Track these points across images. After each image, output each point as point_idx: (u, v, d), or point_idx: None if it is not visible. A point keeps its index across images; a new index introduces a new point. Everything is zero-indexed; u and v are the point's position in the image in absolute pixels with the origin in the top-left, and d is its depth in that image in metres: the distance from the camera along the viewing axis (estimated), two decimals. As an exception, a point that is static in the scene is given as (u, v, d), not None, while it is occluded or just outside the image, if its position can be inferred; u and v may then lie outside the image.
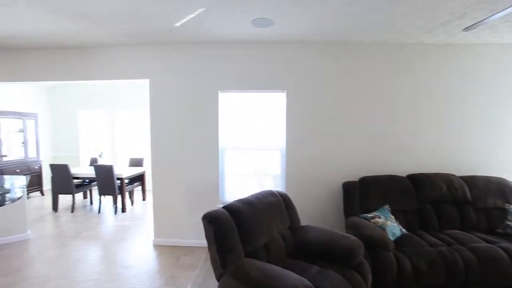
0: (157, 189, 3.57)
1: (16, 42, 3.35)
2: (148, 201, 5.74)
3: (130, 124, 6.93)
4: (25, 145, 5.95)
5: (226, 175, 3.55)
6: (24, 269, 3.02)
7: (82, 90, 6.86)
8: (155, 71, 3.46)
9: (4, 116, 5.54)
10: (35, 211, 5.01)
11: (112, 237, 3.87)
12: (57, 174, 4.89)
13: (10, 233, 3.70)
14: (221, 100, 3.46)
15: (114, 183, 4.82)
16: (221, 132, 3.48)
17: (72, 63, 3.58)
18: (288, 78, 3.36)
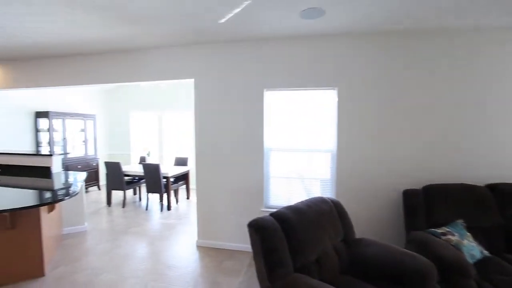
0: (200, 190, 3.55)
1: (74, 48, 3.60)
2: (192, 200, 5.83)
3: (176, 124, 7.16)
4: (85, 143, 6.50)
5: (271, 178, 3.38)
6: (81, 259, 3.20)
7: (134, 93, 7.28)
8: (199, 70, 3.44)
9: (69, 117, 6.11)
10: (92, 205, 5.40)
11: (158, 235, 3.95)
12: (110, 171, 5.21)
13: (71, 225, 3.99)
14: (267, 99, 3.30)
15: (160, 182, 4.96)
16: (267, 132, 3.32)
17: (122, 66, 3.74)
18: (339, 75, 3.07)
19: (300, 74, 3.15)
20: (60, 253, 3.36)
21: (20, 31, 3.01)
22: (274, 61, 3.20)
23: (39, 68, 4.16)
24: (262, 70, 3.23)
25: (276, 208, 3.26)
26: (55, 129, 5.80)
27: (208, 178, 3.49)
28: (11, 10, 2.50)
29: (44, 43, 3.45)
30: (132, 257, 3.27)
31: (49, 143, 5.67)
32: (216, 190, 3.47)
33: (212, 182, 3.48)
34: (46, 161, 4.14)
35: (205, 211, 3.54)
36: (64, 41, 3.34)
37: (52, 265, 3.06)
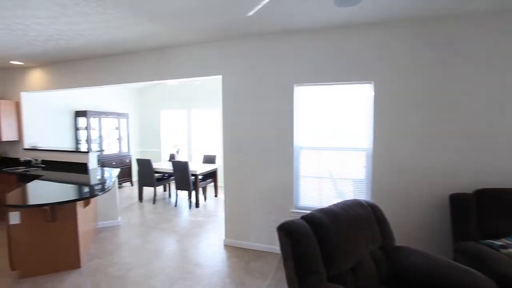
0: (228, 188, 3.49)
1: (106, 49, 3.71)
2: (219, 198, 5.84)
3: (205, 122, 7.23)
4: (119, 141, 6.79)
5: (301, 177, 3.23)
6: (114, 253, 3.30)
7: (164, 91, 7.46)
8: (227, 66, 3.37)
9: (105, 116, 6.41)
10: (125, 200, 5.62)
11: (186, 232, 3.98)
12: (142, 168, 5.37)
13: (106, 219, 4.15)
14: (297, 94, 3.14)
15: (189, 179, 5.01)
16: (297, 130, 3.17)
17: (151, 64, 3.79)
18: (376, 67, 2.83)
19: (333, 67, 2.95)
20: (96, 246, 3.49)
21: (55, 34, 3.15)
22: (305, 55, 3.04)
23: (76, 70, 4.37)
24: (293, 64, 3.09)
25: (306, 210, 3.14)
26: (92, 127, 6.11)
27: (236, 176, 3.42)
28: (45, 15, 2.60)
29: (79, 46, 3.59)
30: (161, 254, 3.30)
31: (87, 140, 5.99)
32: (244, 189, 3.40)
33: (240, 181, 3.41)
34: (83, 158, 4.35)
35: (232, 210, 3.49)
36: (97, 42, 3.44)
37: (88, 257, 3.19)
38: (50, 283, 2.68)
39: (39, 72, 4.73)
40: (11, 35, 3.25)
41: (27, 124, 4.99)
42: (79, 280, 2.74)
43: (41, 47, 3.67)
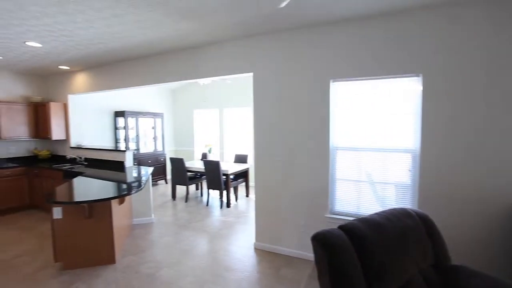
0: (259, 190, 3.37)
1: (140, 50, 3.79)
2: (251, 198, 5.76)
3: (237, 121, 7.20)
4: (154, 140, 7.03)
5: (337, 180, 2.99)
6: (146, 251, 3.35)
7: (197, 91, 7.58)
8: (258, 63, 3.24)
9: (141, 116, 6.66)
10: (159, 198, 5.77)
11: (217, 232, 3.94)
12: (175, 167, 5.47)
13: (140, 216, 4.27)
14: (333, 91, 2.91)
15: (220, 178, 4.98)
16: (333, 129, 2.93)
17: (182, 64, 3.80)
18: (425, 58, 2.50)
19: (373, 60, 2.67)
20: (130, 242, 3.59)
21: (95, 38, 3.27)
22: (343, 47, 2.79)
23: (114, 72, 4.56)
24: (328, 59, 2.86)
25: (342, 215, 2.90)
26: (130, 127, 6.38)
27: (268, 177, 3.29)
28: (82, 19, 2.69)
29: (116, 48, 3.71)
30: (192, 254, 3.28)
31: (125, 139, 6.27)
32: (275, 190, 3.25)
33: (271, 182, 3.26)
34: (120, 156, 4.52)
35: (263, 212, 3.35)
36: (132, 43, 3.52)
37: (122, 253, 3.27)
38: (86, 277, 2.78)
39: (83, 75, 5.03)
40: (56, 41, 3.45)
41: (73, 124, 5.34)
42: (112, 276, 2.80)
43: (84, 51, 3.86)
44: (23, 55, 4.04)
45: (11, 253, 3.33)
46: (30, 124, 5.19)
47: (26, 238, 3.78)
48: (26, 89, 5.42)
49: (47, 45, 3.58)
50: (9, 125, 4.91)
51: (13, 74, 5.21)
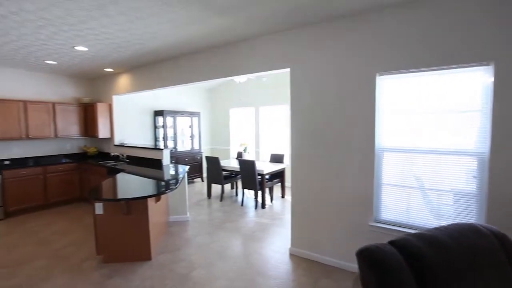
0: (296, 192, 3.17)
1: (176, 49, 3.81)
2: (286, 199, 5.57)
3: (273, 120, 7.05)
4: (191, 138, 7.18)
5: (383, 185, 2.68)
6: (181, 249, 3.36)
7: (232, 89, 7.58)
8: (296, 58, 3.04)
9: (179, 115, 6.84)
10: (195, 196, 5.85)
11: (251, 234, 3.83)
12: (210, 165, 5.49)
13: (176, 214, 4.34)
14: (380, 85, 2.60)
15: (255, 178, 4.88)
16: (379, 128, 2.63)
17: (217, 62, 3.74)
18: (497, 42, 2.09)
19: (428, 49, 2.31)
20: (166, 239, 3.64)
21: (134, 39, 3.35)
22: (391, 36, 2.47)
23: (153, 72, 4.70)
24: (374, 50, 2.56)
25: (389, 224, 2.58)
26: (169, 126, 6.58)
27: (305, 179, 3.08)
28: (123, 20, 2.74)
29: (154, 48, 3.78)
30: (225, 255, 3.21)
31: (163, 138, 6.48)
32: (314, 194, 3.03)
33: (309, 185, 3.05)
34: (158, 154, 4.64)
35: (300, 216, 3.16)
36: (169, 43, 3.55)
37: (158, 250, 3.32)
38: (124, 272, 2.85)
39: (126, 76, 5.28)
40: (100, 45, 3.61)
41: (117, 123, 5.64)
42: (148, 273, 2.83)
43: (125, 53, 4.01)
44: (73, 59, 4.33)
45: (62, 243, 3.58)
46: (80, 123, 5.60)
47: (75, 229, 4.05)
48: (77, 91, 5.86)
49: (92, 49, 3.78)
50: (63, 125, 5.35)
51: (66, 78, 5.67)
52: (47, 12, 2.63)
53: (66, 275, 2.81)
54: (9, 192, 4.51)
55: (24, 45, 3.62)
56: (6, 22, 2.85)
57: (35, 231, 4.01)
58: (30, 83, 5.18)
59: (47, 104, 5.12)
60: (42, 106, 5.06)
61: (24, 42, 3.52)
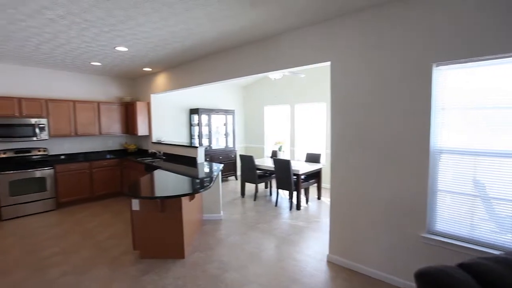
0: (336, 195, 2.94)
1: (212, 46, 3.75)
2: (323, 201, 5.30)
3: (309, 118, 6.77)
4: (226, 137, 7.18)
5: (439, 192, 2.33)
6: (214, 249, 3.31)
7: (267, 87, 7.43)
8: (336, 50, 2.80)
9: (214, 113, 6.88)
10: (229, 194, 5.83)
11: (285, 237, 3.66)
12: (244, 164, 5.41)
13: (210, 212, 4.32)
14: (437, 78, 2.26)
15: (291, 179, 4.69)
16: (436, 126, 2.29)
17: (253, 57, 3.61)
18: None
19: (500, 31, 1.93)
20: (199, 238, 3.62)
21: (171, 37, 3.35)
22: (455, 18, 2.12)
23: (189, 71, 4.73)
24: (430, 37, 2.22)
25: (446, 237, 2.20)
26: (203, 124, 6.65)
27: (347, 181, 2.83)
28: (158, 18, 2.72)
29: (189, 46, 3.77)
30: (258, 258, 3.09)
31: (198, 136, 6.56)
32: (356, 197, 2.77)
33: (351, 187, 2.80)
34: (193, 152, 4.67)
35: (340, 221, 2.91)
36: (204, 39, 3.50)
37: (192, 249, 3.31)
38: (158, 269, 2.86)
39: (163, 75, 5.40)
40: (139, 44, 3.69)
41: (154, 121, 5.82)
42: (181, 272, 2.81)
43: (162, 52, 4.07)
44: (115, 60, 4.52)
45: (104, 235, 3.75)
46: (122, 121, 5.88)
47: (116, 222, 4.23)
48: (119, 91, 6.16)
49: (131, 49, 3.88)
50: (107, 123, 5.65)
51: (110, 78, 5.98)
52: (89, 14, 2.71)
53: (106, 267, 2.91)
54: (61, 185, 4.87)
55: (72, 48, 3.83)
56: (54, 26, 3.01)
57: (82, 222, 4.27)
58: (78, 84, 5.55)
59: (92, 104, 5.45)
60: (88, 105, 5.39)
61: (72, 45, 3.72)
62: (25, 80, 4.93)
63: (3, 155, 4.67)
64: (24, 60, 4.53)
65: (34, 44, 3.65)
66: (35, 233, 3.87)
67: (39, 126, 4.80)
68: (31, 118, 4.73)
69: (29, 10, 2.60)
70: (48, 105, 4.92)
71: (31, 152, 4.94)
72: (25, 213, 4.54)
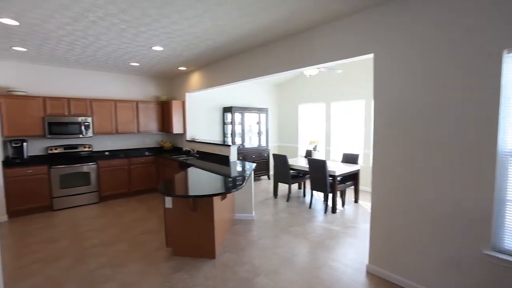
0: (378, 199, 2.67)
1: (244, 42, 3.65)
2: (360, 205, 4.96)
3: (345, 117, 6.41)
4: (259, 135, 7.08)
5: (508, 202, 1.97)
6: (245, 250, 3.23)
7: (302, 84, 7.18)
8: (381, 41, 2.52)
9: (247, 111, 6.82)
10: (261, 194, 5.72)
11: (320, 242, 3.45)
12: (277, 164, 5.26)
13: (242, 211, 4.25)
14: (508, 67, 1.90)
15: (326, 180, 4.44)
16: (504, 126, 1.93)
17: (288, 52, 3.45)
18: None
19: None
20: (230, 238, 3.56)
21: (204, 35, 3.31)
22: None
23: (220, 69, 4.70)
24: (501, 17, 1.87)
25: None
26: (236, 122, 6.61)
27: (391, 184, 2.55)
28: (192, 14, 2.68)
29: (221, 43, 3.71)
30: (291, 264, 2.93)
31: (231, 134, 6.55)
32: (402, 203, 2.48)
33: (396, 192, 2.52)
34: (226, 151, 4.63)
35: (382, 228, 2.64)
36: (236, 35, 3.42)
37: (222, 248, 3.25)
38: (189, 267, 2.84)
39: (197, 74, 5.46)
40: (173, 43, 3.72)
41: (189, 119, 5.91)
42: (212, 272, 2.76)
43: (196, 50, 4.07)
44: (152, 60, 4.64)
45: (140, 229, 3.87)
46: (158, 120, 6.08)
47: (151, 218, 4.35)
48: (156, 90, 6.37)
49: (167, 48, 3.94)
50: (144, 121, 5.88)
51: (147, 78, 6.21)
52: (127, 14, 2.76)
53: (139, 262, 2.97)
54: (103, 179, 5.16)
55: (112, 49, 4.00)
56: (96, 28, 3.13)
57: (121, 216, 4.47)
58: (119, 84, 5.84)
59: (131, 103, 5.69)
60: (128, 104, 5.64)
61: (112, 47, 3.87)
62: (72, 81, 5.30)
63: (55, 150, 5.06)
64: (71, 63, 4.85)
65: (80, 47, 3.87)
66: (80, 224, 4.12)
67: (85, 124, 5.12)
68: (78, 116, 5.06)
69: (73, 13, 2.72)
70: (92, 104, 5.23)
71: (78, 148, 5.30)
72: (73, 204, 4.88)
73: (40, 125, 4.74)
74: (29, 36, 3.41)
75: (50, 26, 3.06)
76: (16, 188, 4.37)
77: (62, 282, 2.64)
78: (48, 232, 3.84)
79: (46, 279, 2.69)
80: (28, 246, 3.41)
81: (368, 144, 5.83)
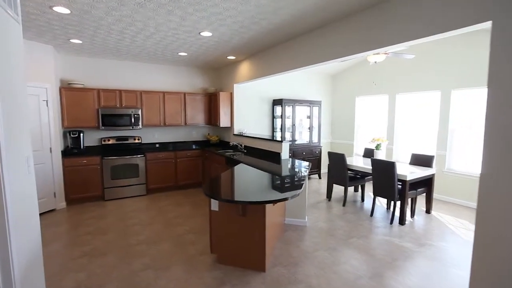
0: (484, 219, 1.96)
1: (301, 25, 3.11)
2: (433, 216, 4.14)
3: (414, 111, 5.48)
4: (310, 130, 6.49)
5: None
6: (298, 264, 2.78)
7: (361, 74, 6.37)
8: (505, 2, 1.79)
9: (298, 104, 6.27)
10: (312, 195, 5.17)
11: (389, 262, 2.83)
12: (333, 163, 4.66)
13: (293, 216, 3.79)
14: None
15: (395, 185, 3.74)
16: None
17: (349, 34, 2.81)
18: None
19: None
20: (281, 247, 3.13)
21: (255, 14, 2.87)
22: None
23: (271, 57, 4.24)
24: None
25: None
26: (287, 116, 6.11)
27: (507, 197, 1.84)
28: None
29: (276, 24, 3.23)
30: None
31: (281, 129, 6.07)
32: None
33: None
34: (277, 147, 4.19)
35: (491, 257, 1.95)
36: (294, 12, 2.90)
37: (273, 260, 2.85)
38: (235, 281, 2.49)
39: (245, 64, 5.07)
40: (223, 26, 3.36)
41: (237, 112, 5.59)
42: (261, 291, 2.37)
43: (247, 34, 3.66)
44: (200, 48, 4.37)
45: (184, 228, 3.66)
46: (205, 112, 5.87)
47: (195, 215, 4.13)
48: (203, 81, 6.17)
49: (215, 33, 3.59)
50: (191, 113, 5.72)
51: (194, 69, 6.03)
52: (173, -9, 2.44)
53: (182, 267, 2.71)
54: (150, 172, 5.13)
55: (161, 37, 3.80)
56: (143, 12, 2.90)
57: (165, 210, 4.34)
58: (167, 75, 5.75)
59: (179, 94, 5.56)
60: (175, 96, 5.52)
61: (160, 34, 3.66)
62: (123, 73, 5.33)
63: (108, 142, 5.17)
64: (123, 55, 4.84)
65: (129, 36, 3.74)
66: (127, 217, 4.08)
67: (135, 116, 5.11)
68: (129, 108, 5.07)
69: (118, -7, 2.49)
70: (142, 96, 5.20)
71: (128, 140, 5.35)
72: (122, 195, 4.93)
73: (95, 116, 4.83)
74: (82, 26, 3.35)
75: (98, 13, 2.92)
76: (73, 177, 4.52)
77: (104, 282, 2.48)
78: (98, 223, 3.85)
79: (89, 276, 2.58)
80: (79, 236, 3.42)
81: (443, 144, 4.88)
